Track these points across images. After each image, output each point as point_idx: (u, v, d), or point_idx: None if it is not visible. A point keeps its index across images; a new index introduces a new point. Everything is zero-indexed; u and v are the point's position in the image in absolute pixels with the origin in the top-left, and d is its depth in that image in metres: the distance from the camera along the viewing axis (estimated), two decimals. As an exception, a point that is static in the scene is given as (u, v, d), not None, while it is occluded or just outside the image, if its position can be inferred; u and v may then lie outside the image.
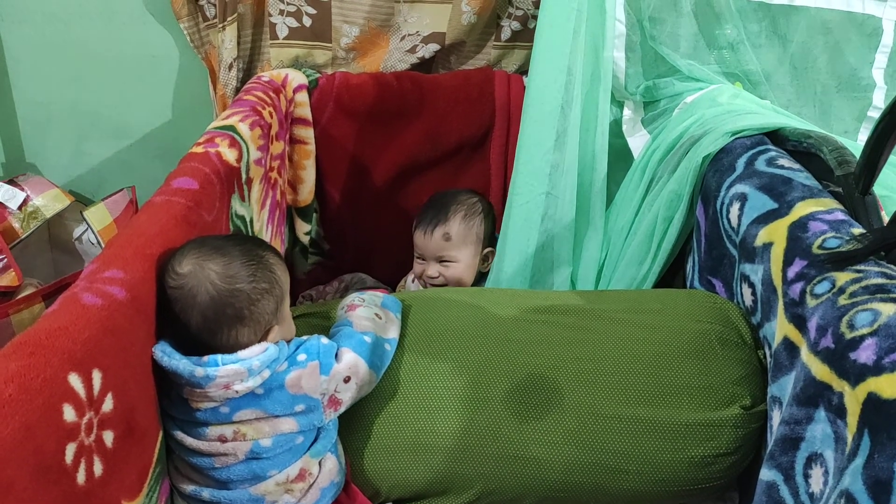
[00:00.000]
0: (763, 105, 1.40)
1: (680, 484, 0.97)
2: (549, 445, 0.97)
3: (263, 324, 0.90)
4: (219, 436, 0.88)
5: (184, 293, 0.86)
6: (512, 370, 1.00)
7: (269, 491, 0.91)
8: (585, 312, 1.08)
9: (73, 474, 0.66)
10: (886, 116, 0.89)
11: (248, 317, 0.88)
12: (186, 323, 0.86)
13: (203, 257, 0.87)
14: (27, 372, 0.63)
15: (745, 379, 0.98)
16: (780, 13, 1.47)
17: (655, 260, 1.28)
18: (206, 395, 0.86)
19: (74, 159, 1.80)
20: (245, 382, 0.86)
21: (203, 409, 0.87)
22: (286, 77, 1.51)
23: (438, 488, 1.00)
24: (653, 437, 0.97)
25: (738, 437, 0.96)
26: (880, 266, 0.82)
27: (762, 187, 1.03)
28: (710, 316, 1.04)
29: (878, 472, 0.64)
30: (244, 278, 0.88)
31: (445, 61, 1.65)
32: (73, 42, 1.67)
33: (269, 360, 0.88)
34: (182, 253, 0.88)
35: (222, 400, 0.87)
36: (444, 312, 1.08)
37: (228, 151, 1.12)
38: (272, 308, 0.91)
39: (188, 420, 0.89)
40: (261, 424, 0.89)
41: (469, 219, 1.42)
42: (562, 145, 1.33)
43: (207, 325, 0.86)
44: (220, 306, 0.86)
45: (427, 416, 0.99)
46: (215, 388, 0.85)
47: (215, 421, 0.88)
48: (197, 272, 0.86)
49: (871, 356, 0.71)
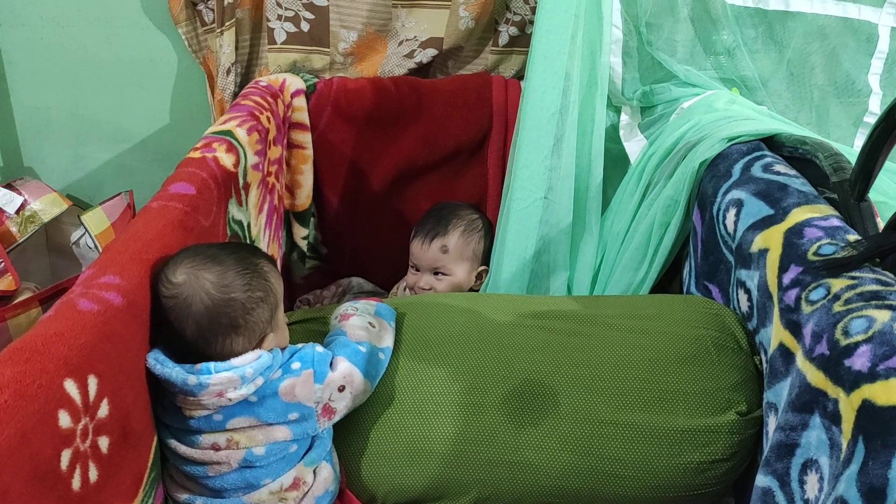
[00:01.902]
0: (759, 111, 1.40)
1: (676, 490, 0.97)
2: (545, 451, 0.97)
3: (258, 332, 0.90)
4: (212, 444, 0.88)
5: (178, 302, 0.85)
6: (508, 375, 1.00)
7: (262, 500, 0.90)
8: (582, 318, 1.08)
9: (69, 480, 0.66)
10: (882, 123, 0.89)
11: (242, 325, 0.88)
12: (181, 331, 0.86)
13: (197, 266, 0.87)
14: (23, 378, 0.63)
15: (741, 385, 0.98)
16: (777, 19, 1.47)
17: (652, 265, 1.28)
18: (199, 403, 0.86)
19: (72, 163, 1.80)
20: (238, 390, 0.86)
21: (196, 417, 0.87)
22: (284, 82, 1.51)
23: (434, 494, 1.00)
24: (648, 442, 0.97)
25: (733, 443, 0.96)
26: (875, 273, 0.82)
27: (758, 193, 1.03)
28: (707, 321, 1.04)
29: (873, 479, 0.64)
30: (239, 287, 0.87)
31: (443, 66, 1.65)
32: (71, 46, 1.67)
33: (262, 367, 0.87)
34: (175, 262, 0.87)
35: (215, 408, 0.87)
36: (439, 318, 1.08)
37: (226, 156, 1.11)
38: (267, 316, 0.90)
39: (182, 428, 0.88)
40: (254, 432, 0.89)
41: (468, 234, 1.42)
42: (558, 150, 1.33)
43: (202, 333, 0.86)
44: (215, 316, 0.86)
45: (423, 422, 0.99)
46: (208, 395, 0.85)
47: (209, 429, 0.88)
48: (192, 282, 0.86)
49: (865, 363, 0.71)
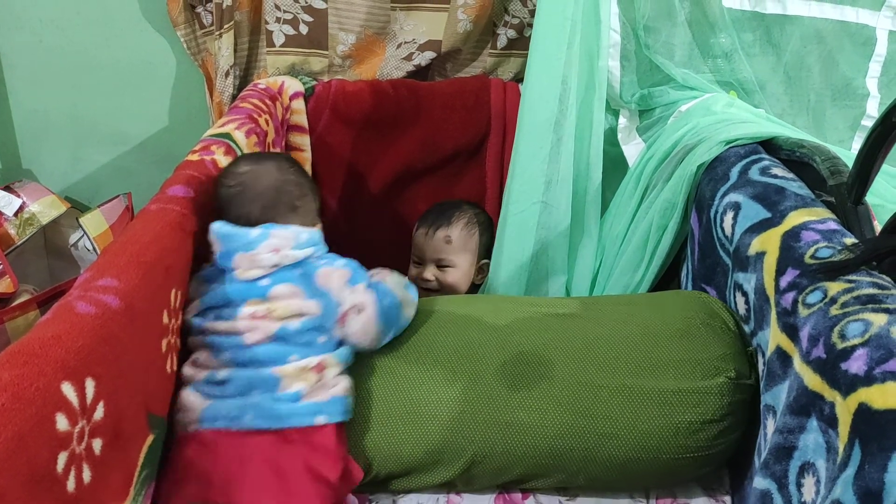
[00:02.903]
0: (757, 114, 1.41)
1: (669, 451, 0.99)
2: (539, 412, 1.00)
3: (310, 219, 1.04)
4: (251, 313, 0.95)
5: (245, 186, 0.99)
6: (504, 346, 1.04)
7: (286, 373, 0.94)
8: (576, 305, 1.12)
9: (64, 482, 0.66)
10: (878, 126, 0.89)
11: (300, 207, 1.02)
12: (245, 215, 0.98)
13: (256, 160, 1.04)
14: (21, 381, 0.63)
15: (729, 356, 1.01)
16: (774, 22, 1.48)
17: (649, 268, 1.29)
18: (254, 260, 0.95)
19: (71, 166, 1.80)
20: (293, 250, 0.96)
21: (245, 281, 0.95)
22: (282, 84, 1.51)
23: (430, 459, 1.01)
24: (641, 403, 0.99)
25: (724, 404, 0.98)
26: (872, 276, 0.82)
27: (755, 196, 1.03)
28: (696, 307, 1.08)
29: (869, 483, 0.65)
30: (294, 173, 1.04)
31: (441, 69, 1.65)
32: (70, 49, 1.67)
33: (314, 239, 1.00)
34: (235, 162, 1.05)
35: (269, 268, 0.95)
36: (440, 307, 1.12)
37: (224, 159, 1.12)
38: (315, 207, 1.06)
39: (225, 304, 0.96)
40: (293, 301, 0.95)
41: (470, 227, 1.45)
42: (556, 154, 1.33)
43: (266, 213, 0.98)
44: (279, 193, 1.00)
45: (420, 388, 1.01)
46: (266, 249, 0.95)
47: (252, 296, 0.95)
48: (256, 168, 1.02)
49: (861, 366, 0.71)
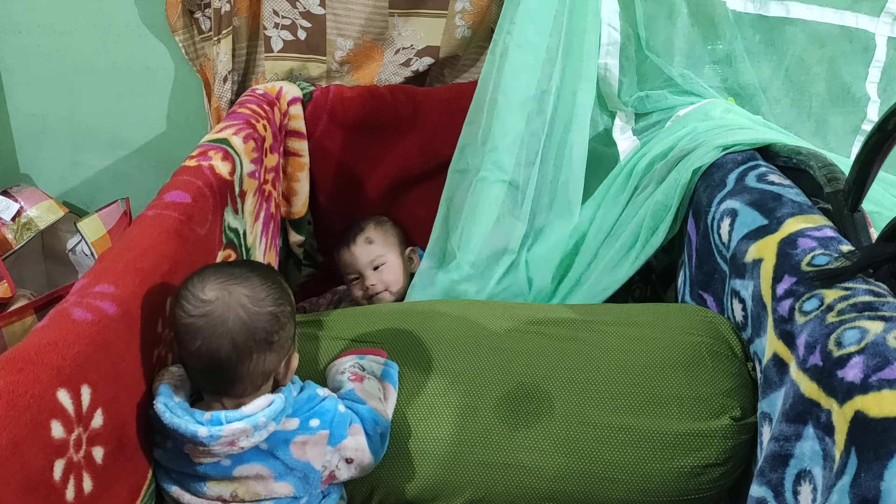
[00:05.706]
0: (755, 120, 1.41)
1: (669, 494, 0.98)
2: (539, 453, 0.98)
3: (286, 349, 0.88)
4: (218, 495, 0.86)
5: (211, 320, 0.82)
6: (503, 379, 1.01)
7: None
8: (577, 324, 1.09)
9: (62, 491, 0.66)
10: (875, 134, 0.89)
11: (275, 342, 0.85)
12: (213, 351, 0.82)
13: (228, 282, 0.84)
14: (15, 388, 0.63)
15: (735, 391, 0.99)
16: (776, 25, 1.48)
17: (633, 266, 1.27)
18: (209, 452, 0.83)
19: (69, 170, 1.80)
20: (251, 438, 0.83)
21: (204, 464, 0.85)
22: (280, 90, 1.51)
23: (429, 495, 1.00)
24: (642, 446, 0.97)
25: (727, 447, 0.97)
26: (868, 283, 0.82)
27: (752, 203, 1.03)
28: (701, 329, 1.05)
29: (865, 491, 0.64)
30: (272, 302, 0.85)
31: (439, 75, 1.65)
32: (68, 53, 1.67)
33: (274, 413, 0.84)
34: (201, 280, 0.84)
35: (225, 455, 0.84)
36: (435, 323, 1.09)
37: (221, 164, 1.12)
38: (293, 332, 0.89)
39: (187, 473, 0.86)
40: (258, 485, 0.86)
41: (380, 224, 1.57)
42: (532, 137, 1.34)
43: (237, 352, 0.82)
44: (251, 331, 0.83)
45: (419, 424, 1.00)
46: (220, 445, 0.82)
47: (216, 475, 0.86)
48: (225, 297, 0.82)
49: (858, 374, 0.71)
